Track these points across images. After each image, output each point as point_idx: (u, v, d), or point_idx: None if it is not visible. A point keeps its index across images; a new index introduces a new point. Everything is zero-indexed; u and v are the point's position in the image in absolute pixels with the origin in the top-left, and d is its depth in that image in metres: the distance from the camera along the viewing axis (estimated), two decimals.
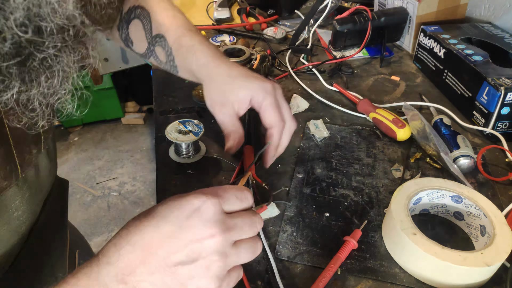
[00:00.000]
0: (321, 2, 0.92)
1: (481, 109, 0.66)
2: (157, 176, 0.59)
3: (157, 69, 0.86)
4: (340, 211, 0.54)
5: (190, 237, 0.32)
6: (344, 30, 0.87)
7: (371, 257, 0.48)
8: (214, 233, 0.32)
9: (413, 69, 0.88)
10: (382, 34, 0.89)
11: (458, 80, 0.73)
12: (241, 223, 0.35)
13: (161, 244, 0.32)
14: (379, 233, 0.51)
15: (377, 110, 0.68)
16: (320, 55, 0.93)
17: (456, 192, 0.50)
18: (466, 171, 0.59)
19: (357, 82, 0.83)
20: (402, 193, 0.50)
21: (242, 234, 0.35)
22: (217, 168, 0.58)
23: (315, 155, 0.63)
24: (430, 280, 0.45)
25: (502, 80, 0.63)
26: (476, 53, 0.71)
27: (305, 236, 0.50)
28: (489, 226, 0.47)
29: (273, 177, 0.59)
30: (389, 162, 0.62)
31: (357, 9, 0.90)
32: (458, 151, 0.59)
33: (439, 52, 0.78)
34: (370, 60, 0.91)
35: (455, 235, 0.51)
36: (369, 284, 0.45)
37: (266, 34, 0.99)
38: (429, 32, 0.81)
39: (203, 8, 1.13)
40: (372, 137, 0.67)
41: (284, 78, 0.83)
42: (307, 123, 0.69)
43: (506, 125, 0.65)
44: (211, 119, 0.70)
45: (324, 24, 1.04)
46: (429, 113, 0.72)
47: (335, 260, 0.46)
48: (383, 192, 0.57)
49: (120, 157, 2.16)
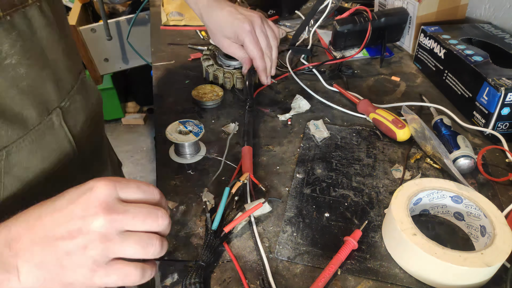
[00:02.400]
0: (321, 3, 0.92)
1: (481, 109, 0.66)
2: (157, 177, 0.59)
3: (157, 69, 0.86)
4: (340, 211, 0.54)
5: (76, 213, 0.33)
6: (344, 30, 0.87)
7: (371, 258, 0.48)
8: (99, 212, 0.32)
9: (413, 69, 0.88)
10: (382, 34, 0.89)
11: (458, 80, 0.73)
12: (135, 211, 0.34)
13: (50, 215, 0.33)
14: (379, 233, 0.51)
15: (377, 110, 0.68)
16: (320, 56, 0.93)
17: (456, 193, 0.50)
18: (466, 171, 0.59)
19: (357, 83, 0.83)
20: (402, 194, 0.50)
21: (134, 223, 0.33)
22: (217, 168, 0.58)
23: (315, 155, 0.63)
24: (430, 281, 0.45)
25: (502, 80, 0.63)
26: (476, 54, 0.71)
27: (305, 236, 0.50)
28: (489, 226, 0.46)
29: (273, 177, 0.59)
30: (389, 163, 0.62)
31: (357, 9, 0.90)
32: (458, 151, 0.59)
33: (439, 53, 0.78)
34: (370, 61, 0.91)
35: (455, 236, 0.51)
36: (369, 285, 0.45)
37: None
38: (429, 32, 0.81)
39: None
40: (372, 137, 0.67)
41: (284, 79, 0.83)
42: (307, 123, 0.70)
43: (506, 125, 0.65)
44: (211, 119, 0.70)
45: (324, 24, 1.04)
46: (429, 114, 0.72)
47: (335, 260, 0.46)
48: (383, 192, 0.57)
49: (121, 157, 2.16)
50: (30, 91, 0.45)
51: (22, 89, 0.43)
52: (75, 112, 0.54)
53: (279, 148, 0.64)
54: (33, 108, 0.46)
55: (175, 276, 0.45)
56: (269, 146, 0.65)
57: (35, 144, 0.47)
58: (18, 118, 0.44)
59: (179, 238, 0.50)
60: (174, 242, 0.49)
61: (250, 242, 0.49)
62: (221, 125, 0.69)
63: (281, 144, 0.65)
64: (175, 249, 0.48)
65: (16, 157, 0.45)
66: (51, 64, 0.48)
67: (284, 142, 0.66)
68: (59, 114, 0.50)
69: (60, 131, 0.51)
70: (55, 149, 0.51)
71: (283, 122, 0.71)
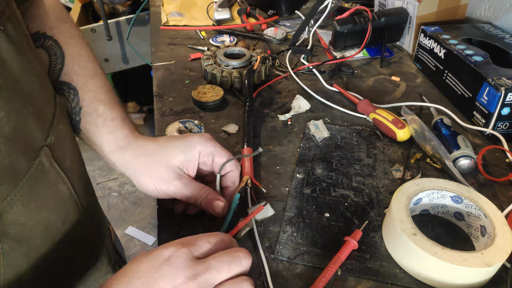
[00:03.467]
0: (321, 3, 0.92)
1: (481, 109, 0.66)
2: None
3: (157, 69, 0.86)
4: (340, 211, 0.54)
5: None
6: (344, 30, 0.87)
7: (371, 258, 0.48)
8: (186, 280, 0.32)
9: (413, 69, 0.88)
10: (382, 34, 0.89)
11: (458, 80, 0.73)
12: (216, 263, 0.34)
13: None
14: (379, 233, 0.51)
15: (377, 110, 0.68)
16: (320, 56, 0.93)
17: (457, 193, 0.50)
18: (467, 171, 0.59)
19: (357, 83, 0.83)
20: (402, 194, 0.50)
21: (221, 276, 0.34)
22: None
23: (315, 155, 0.63)
24: (430, 281, 0.45)
25: (502, 80, 0.63)
26: (476, 54, 0.71)
27: (305, 236, 0.50)
28: (490, 226, 0.46)
29: (273, 177, 0.59)
30: (389, 163, 0.62)
31: (357, 9, 0.90)
32: (458, 151, 0.59)
33: (439, 53, 0.78)
34: (370, 61, 0.91)
35: (455, 236, 0.51)
36: (369, 285, 0.45)
37: (266, 35, 0.99)
38: (429, 32, 0.81)
39: (203, 8, 1.13)
40: (372, 137, 0.67)
41: (284, 79, 0.83)
42: (307, 123, 0.69)
43: (507, 125, 0.65)
44: (211, 119, 0.70)
45: (324, 24, 1.04)
46: (429, 114, 0.72)
47: (335, 260, 0.46)
48: (383, 192, 0.57)
49: None
50: (14, 136, 0.36)
51: (6, 136, 0.35)
52: (62, 145, 0.45)
53: (279, 148, 0.64)
54: (21, 155, 0.37)
55: None
56: (269, 146, 0.65)
57: (28, 196, 0.39)
58: (7, 171, 0.36)
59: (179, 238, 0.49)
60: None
61: (250, 242, 0.49)
62: (221, 125, 0.69)
63: (281, 144, 0.65)
64: None
65: (10, 216, 0.37)
66: (29, 97, 0.39)
67: (284, 142, 0.66)
68: (48, 153, 0.41)
69: (52, 172, 0.42)
70: (50, 194, 0.43)
71: (283, 122, 0.70)
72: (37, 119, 0.40)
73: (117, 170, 0.50)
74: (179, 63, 0.88)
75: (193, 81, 0.81)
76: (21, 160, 0.37)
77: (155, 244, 1.72)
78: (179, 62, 0.89)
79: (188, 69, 0.86)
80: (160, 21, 1.07)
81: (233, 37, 0.98)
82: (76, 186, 0.47)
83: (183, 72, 0.85)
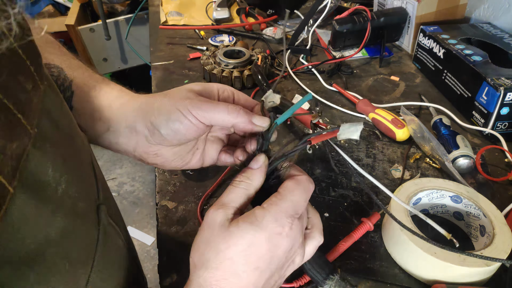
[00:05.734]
0: (321, 2, 0.92)
1: (481, 109, 0.66)
2: (156, 177, 0.59)
3: (156, 69, 0.86)
4: (339, 211, 0.54)
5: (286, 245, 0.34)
6: (344, 30, 0.87)
7: (370, 258, 0.48)
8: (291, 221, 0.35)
9: (413, 69, 0.88)
10: (382, 34, 0.89)
11: (458, 80, 0.73)
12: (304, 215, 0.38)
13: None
14: (378, 233, 0.51)
15: (376, 110, 0.68)
16: (319, 55, 0.93)
17: (456, 192, 0.50)
18: (466, 171, 0.59)
19: (357, 82, 0.83)
20: (402, 193, 0.50)
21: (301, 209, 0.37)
22: (217, 168, 0.58)
23: (315, 155, 0.63)
24: (430, 281, 0.45)
25: (501, 80, 0.63)
26: (476, 53, 0.71)
27: None
28: (489, 226, 0.46)
29: None
30: (388, 162, 0.62)
31: (356, 9, 0.90)
32: (457, 151, 0.59)
33: (439, 52, 0.78)
34: (369, 60, 0.91)
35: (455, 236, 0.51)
36: (368, 285, 0.45)
37: (265, 34, 0.99)
38: (428, 32, 0.81)
39: (203, 8, 1.13)
40: (371, 137, 0.67)
41: (283, 78, 0.83)
42: None
43: (506, 125, 0.65)
44: None
45: (323, 24, 1.04)
46: (428, 113, 0.72)
47: (348, 238, 0.48)
48: (382, 192, 0.57)
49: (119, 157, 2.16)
50: (84, 212, 0.30)
51: (77, 212, 0.28)
52: (109, 197, 0.39)
53: (279, 148, 0.64)
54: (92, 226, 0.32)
55: (174, 277, 0.45)
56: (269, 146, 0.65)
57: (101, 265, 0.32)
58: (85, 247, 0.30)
59: (179, 238, 0.49)
60: (173, 242, 0.49)
61: None
62: None
63: (281, 144, 0.65)
64: (174, 249, 0.48)
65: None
66: (81, 149, 0.33)
67: (284, 142, 0.66)
68: (104, 211, 0.35)
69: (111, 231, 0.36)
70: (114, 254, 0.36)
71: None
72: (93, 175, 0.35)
73: (125, 123, 0.41)
74: (178, 62, 0.88)
75: (192, 80, 0.81)
76: (92, 231, 0.32)
77: (154, 244, 1.72)
78: (178, 62, 0.89)
79: (187, 68, 0.86)
80: (159, 21, 1.07)
81: (232, 36, 0.98)
82: (123, 232, 0.40)
83: (182, 71, 0.85)
